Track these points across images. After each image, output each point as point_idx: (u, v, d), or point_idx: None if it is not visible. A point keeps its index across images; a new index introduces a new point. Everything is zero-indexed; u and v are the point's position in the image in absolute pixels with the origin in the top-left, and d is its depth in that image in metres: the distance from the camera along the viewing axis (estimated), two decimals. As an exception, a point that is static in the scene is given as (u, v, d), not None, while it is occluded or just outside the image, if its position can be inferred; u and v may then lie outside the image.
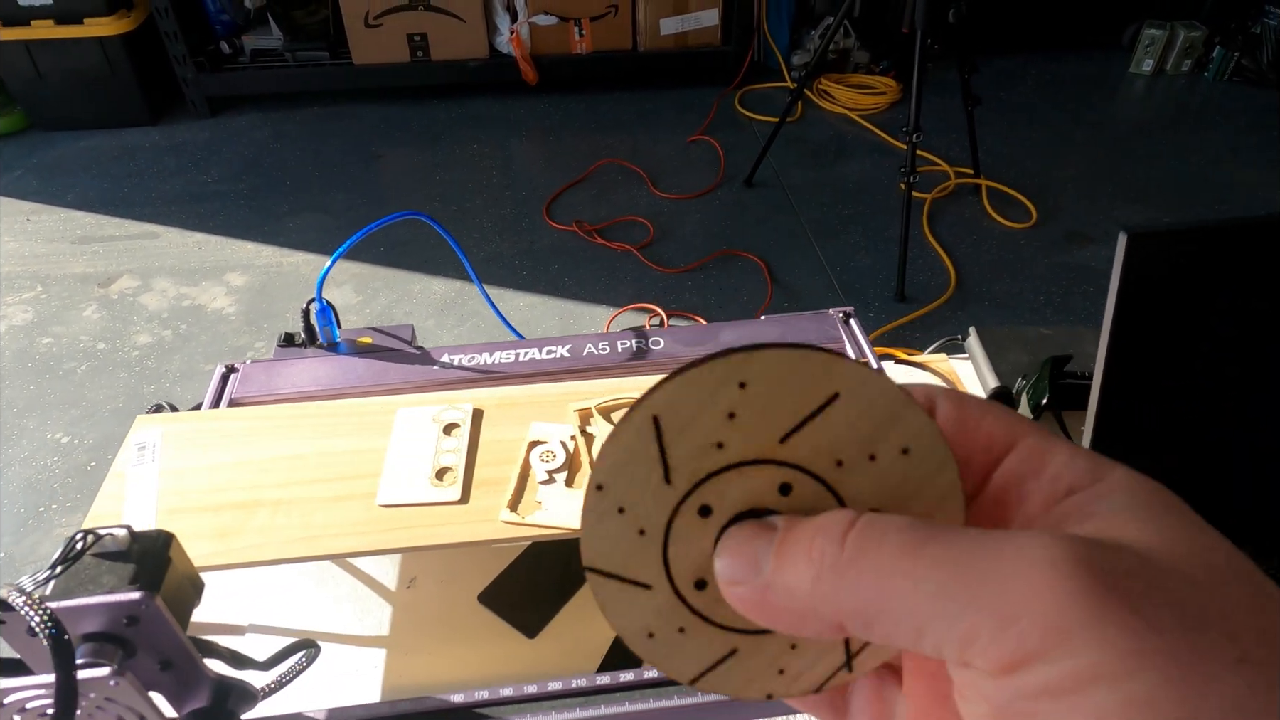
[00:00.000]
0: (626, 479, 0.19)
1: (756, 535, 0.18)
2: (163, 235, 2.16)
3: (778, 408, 0.18)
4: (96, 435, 1.60)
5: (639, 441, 0.18)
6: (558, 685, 0.49)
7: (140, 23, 2.48)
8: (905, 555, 0.16)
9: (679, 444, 0.18)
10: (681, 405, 0.18)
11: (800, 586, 0.17)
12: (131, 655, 0.34)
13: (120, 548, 0.35)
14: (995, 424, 0.19)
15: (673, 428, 0.18)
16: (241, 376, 0.75)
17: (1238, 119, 2.60)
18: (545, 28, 2.60)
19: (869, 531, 0.16)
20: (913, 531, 0.16)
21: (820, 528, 0.17)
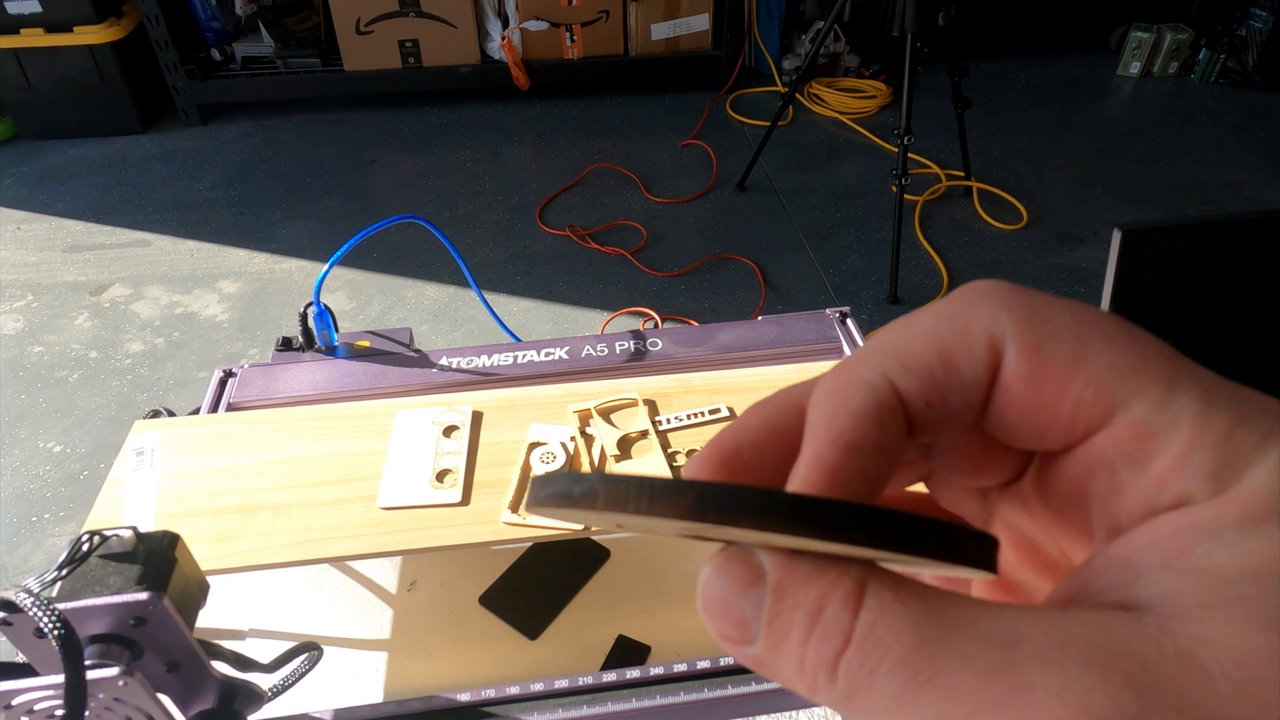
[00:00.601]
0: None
1: (745, 589, 0.15)
2: (154, 243, 2.15)
3: None
4: (89, 444, 1.59)
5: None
6: (564, 683, 0.49)
7: (130, 31, 2.48)
8: (905, 700, 0.13)
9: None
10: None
11: (798, 689, 0.15)
12: (139, 656, 0.34)
13: (126, 549, 0.35)
14: (1085, 385, 0.14)
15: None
16: (239, 381, 0.74)
17: (1224, 120, 2.62)
18: (536, 33, 2.61)
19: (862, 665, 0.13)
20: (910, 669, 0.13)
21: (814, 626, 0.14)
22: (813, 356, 0.77)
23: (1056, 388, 0.14)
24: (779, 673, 0.15)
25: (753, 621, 0.15)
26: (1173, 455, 0.13)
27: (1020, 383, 0.15)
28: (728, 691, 0.46)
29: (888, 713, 0.13)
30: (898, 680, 0.13)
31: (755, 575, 0.15)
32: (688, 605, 0.65)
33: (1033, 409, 0.15)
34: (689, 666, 0.50)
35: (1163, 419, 0.14)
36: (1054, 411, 0.15)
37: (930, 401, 0.15)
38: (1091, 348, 0.14)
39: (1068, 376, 0.14)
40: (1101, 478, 0.14)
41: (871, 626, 0.13)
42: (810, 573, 0.14)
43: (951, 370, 0.15)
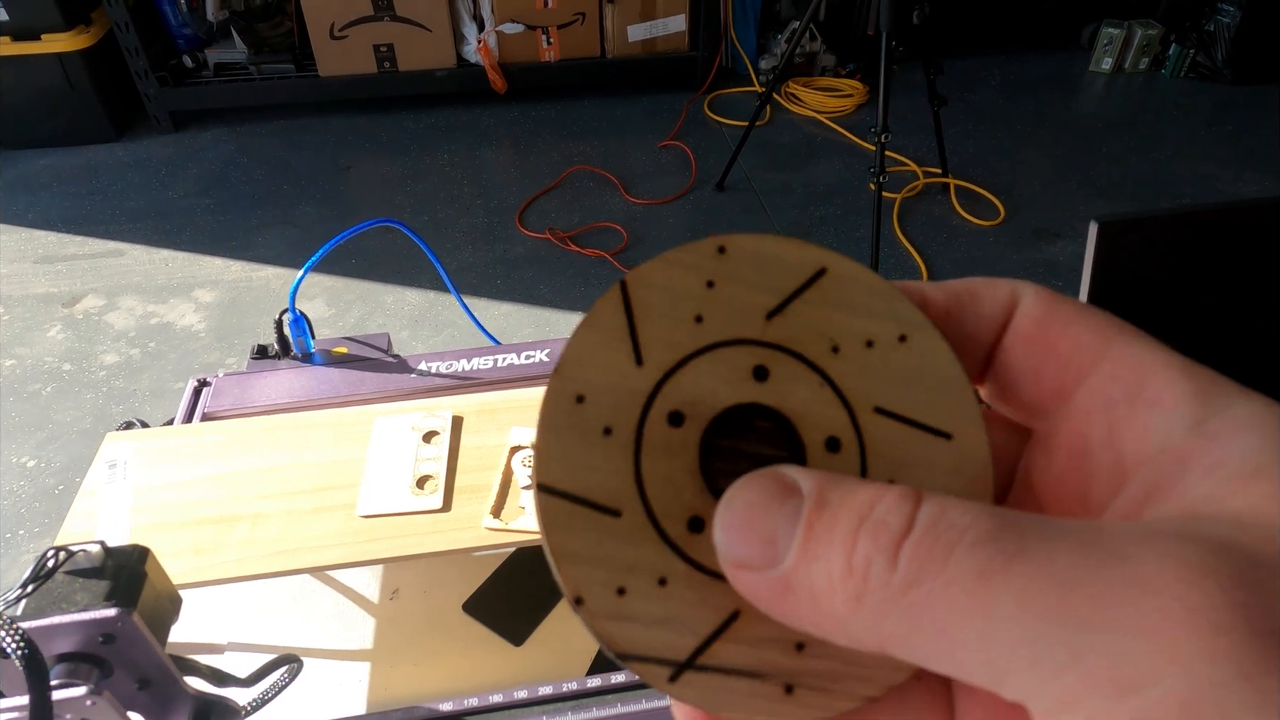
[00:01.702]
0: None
1: (774, 502, 0.13)
2: (128, 253, 2.12)
3: (760, 280, 0.15)
4: (64, 458, 1.56)
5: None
6: (548, 689, 0.49)
7: (100, 38, 2.44)
8: (983, 587, 0.12)
9: (650, 317, 0.15)
10: (655, 274, 0.15)
11: (834, 602, 0.13)
12: (108, 674, 0.33)
13: (94, 564, 0.34)
14: (1083, 330, 0.15)
15: (644, 298, 0.15)
16: (214, 390, 0.73)
17: (1195, 114, 2.65)
18: (512, 36, 2.60)
19: (934, 545, 0.12)
20: (994, 546, 0.12)
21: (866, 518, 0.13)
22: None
23: (1060, 328, 0.16)
24: (812, 586, 0.13)
25: (784, 535, 0.13)
26: (1165, 382, 0.14)
27: (1029, 321, 0.16)
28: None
29: (965, 594, 0.12)
30: (981, 555, 0.12)
31: (788, 488, 0.14)
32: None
33: (1036, 348, 0.16)
34: (675, 669, 0.49)
35: (1154, 357, 0.15)
36: (1054, 349, 0.16)
37: (951, 311, 0.17)
38: (1091, 312, 0.16)
39: (1070, 322, 0.16)
40: (1099, 417, 0.15)
41: (942, 512, 0.12)
42: (854, 482, 0.13)
43: (975, 299, 0.17)
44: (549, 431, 0.15)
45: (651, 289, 0.15)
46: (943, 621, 0.12)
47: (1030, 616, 0.11)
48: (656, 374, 0.15)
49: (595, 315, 0.15)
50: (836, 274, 0.16)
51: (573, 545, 0.14)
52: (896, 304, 0.16)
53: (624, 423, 0.15)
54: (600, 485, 0.15)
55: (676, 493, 0.15)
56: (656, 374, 0.15)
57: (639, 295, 0.15)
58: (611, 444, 0.15)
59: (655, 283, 0.15)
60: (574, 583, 0.14)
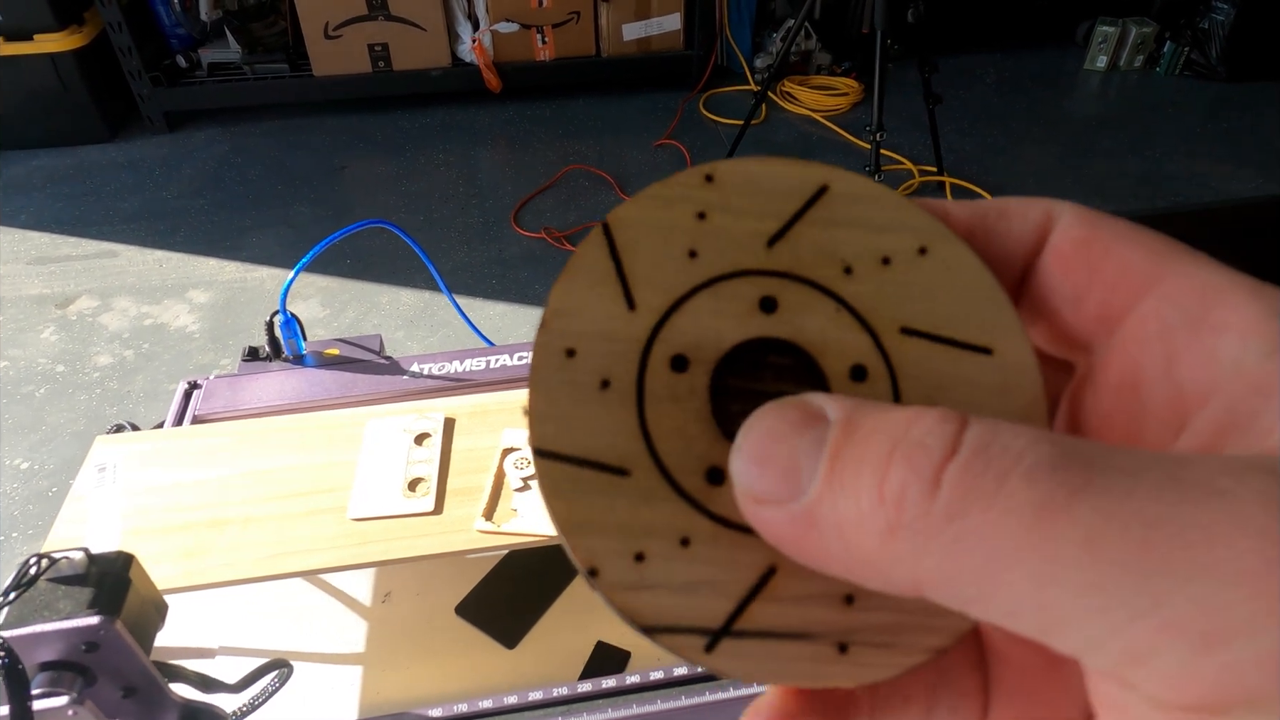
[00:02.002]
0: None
1: (796, 430, 0.12)
2: (122, 254, 2.11)
3: (756, 205, 0.14)
4: (57, 460, 1.55)
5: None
6: (539, 695, 0.48)
7: (93, 38, 2.43)
8: (1043, 522, 0.10)
9: (638, 257, 0.14)
10: (639, 210, 0.14)
11: (863, 535, 0.11)
12: (92, 683, 0.33)
13: (77, 571, 0.33)
14: (1132, 250, 0.14)
15: (629, 237, 0.14)
16: (205, 393, 0.73)
17: (1189, 112, 2.66)
18: (507, 35, 2.59)
19: (984, 471, 0.10)
20: (1056, 474, 0.10)
21: (901, 439, 0.11)
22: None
23: (1103, 249, 0.14)
24: (839, 519, 0.11)
25: (807, 464, 0.11)
26: (1233, 305, 0.13)
27: (1069, 242, 0.14)
28: (705, 698, 0.45)
29: (1021, 530, 0.10)
30: (1040, 488, 0.10)
31: (813, 414, 0.12)
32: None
33: (1075, 270, 0.14)
34: (666, 674, 0.49)
35: (1218, 277, 0.13)
36: (1098, 271, 0.14)
37: (974, 229, 0.15)
38: (1141, 231, 0.14)
39: (1115, 241, 0.14)
40: (1155, 346, 0.13)
41: (993, 433, 0.11)
42: (887, 406, 0.12)
43: (1002, 217, 0.15)
44: (541, 391, 0.13)
45: (637, 227, 0.14)
46: (991, 560, 0.10)
47: (1100, 559, 0.10)
48: (652, 317, 0.14)
49: (578, 261, 0.14)
50: (841, 190, 0.14)
51: (580, 512, 0.13)
52: (911, 215, 0.14)
53: (622, 373, 0.14)
54: (604, 444, 0.13)
55: (689, 444, 0.13)
56: (652, 317, 0.14)
57: (624, 235, 0.14)
58: (611, 397, 0.13)
59: (640, 220, 0.14)
60: (586, 553, 0.13)
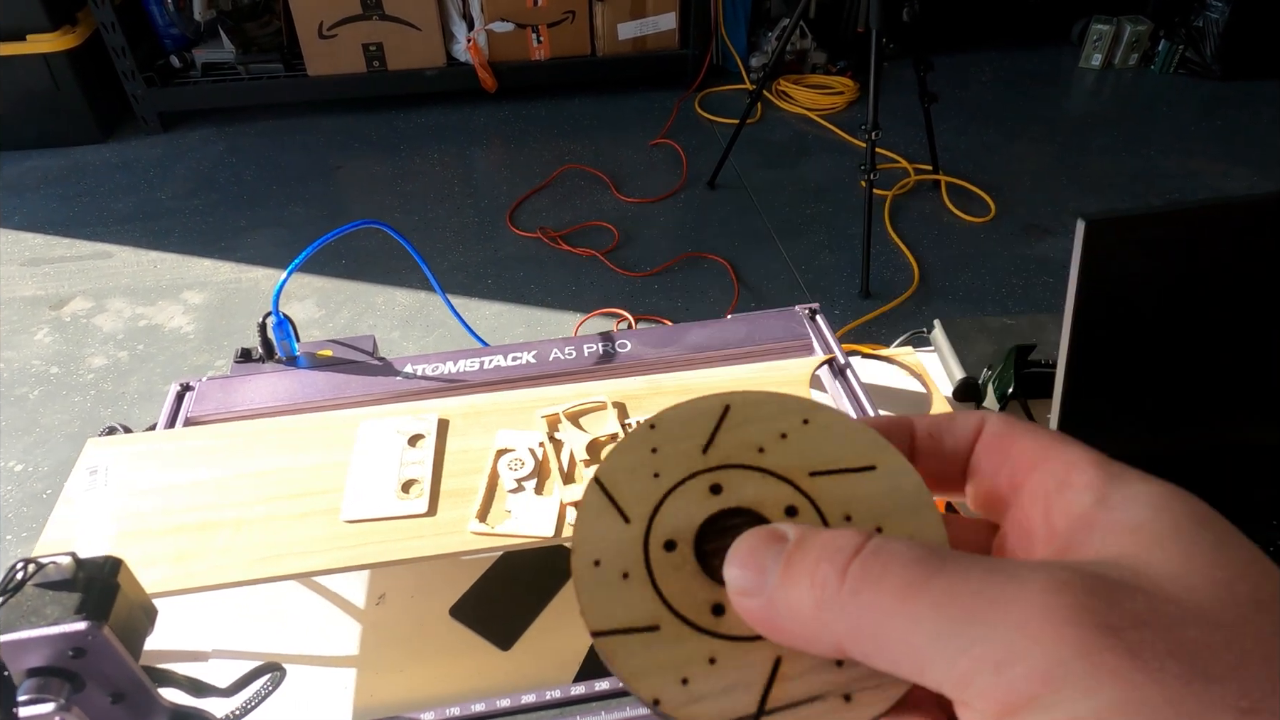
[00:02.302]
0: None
1: (767, 543, 0.18)
2: (116, 255, 2.11)
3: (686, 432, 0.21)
4: (51, 462, 1.55)
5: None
6: (532, 698, 0.48)
7: (86, 38, 2.42)
8: (907, 594, 0.15)
9: (622, 490, 0.21)
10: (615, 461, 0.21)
11: (802, 610, 0.17)
12: (80, 689, 0.32)
13: (64, 576, 0.33)
14: (1034, 440, 0.20)
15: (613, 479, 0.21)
16: (197, 394, 0.72)
17: (1184, 110, 2.66)
18: (502, 35, 2.59)
19: (872, 562, 0.16)
20: (919, 566, 0.16)
21: (826, 548, 0.17)
22: (782, 354, 0.76)
23: (1015, 439, 0.20)
24: (788, 599, 0.17)
25: (770, 566, 0.17)
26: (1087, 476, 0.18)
27: (993, 437, 0.21)
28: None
29: (897, 598, 0.15)
30: (910, 573, 0.16)
31: (778, 536, 0.18)
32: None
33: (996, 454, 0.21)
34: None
35: (1080, 455, 0.19)
36: (1009, 454, 0.20)
37: (931, 433, 0.22)
38: (1038, 429, 0.20)
39: (1022, 435, 0.20)
40: (1041, 503, 0.19)
41: (882, 543, 0.17)
42: (827, 530, 0.18)
43: (952, 422, 0.22)
44: (585, 593, 0.19)
45: (616, 472, 0.21)
46: (877, 623, 0.16)
47: (942, 617, 0.15)
48: (642, 523, 0.20)
49: (585, 504, 0.20)
50: (738, 404, 0.22)
51: (635, 663, 0.18)
52: (791, 404, 0.21)
53: (634, 564, 0.19)
54: (637, 614, 0.19)
55: (693, 595, 0.19)
56: (642, 523, 0.20)
57: (609, 479, 0.21)
58: (632, 583, 0.19)
59: (617, 467, 0.21)
60: (648, 690, 0.18)
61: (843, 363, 0.71)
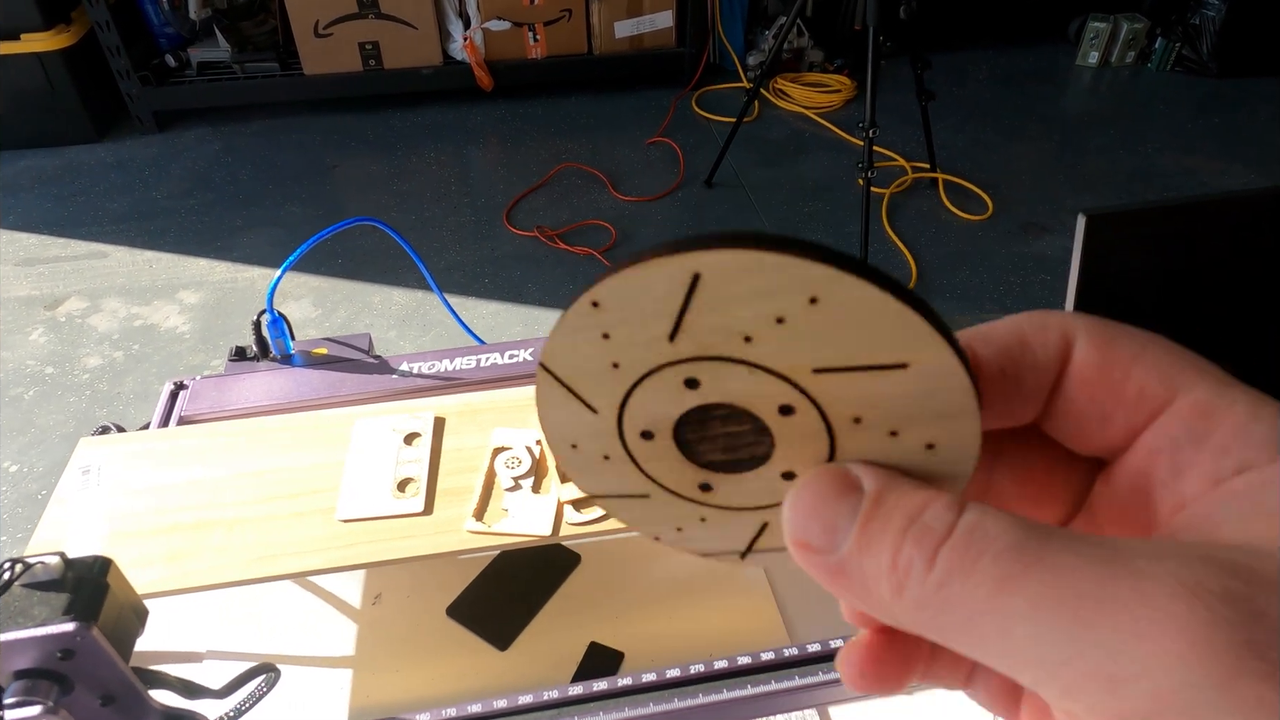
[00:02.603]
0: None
1: (840, 496, 0.15)
2: (111, 254, 2.10)
3: (643, 313, 0.16)
4: (47, 462, 1.54)
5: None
6: (529, 698, 0.48)
7: (80, 37, 2.41)
8: (1003, 589, 0.13)
9: (578, 379, 0.17)
10: (559, 346, 0.17)
11: (879, 589, 0.15)
12: (68, 691, 0.32)
13: (53, 576, 0.33)
14: (1148, 373, 0.16)
15: (565, 369, 0.17)
16: (191, 393, 0.72)
17: (1181, 108, 2.66)
18: (499, 33, 2.58)
19: (965, 551, 0.14)
20: (1016, 555, 0.13)
21: (911, 521, 0.14)
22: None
23: (1123, 373, 0.16)
24: (863, 573, 0.15)
25: (843, 525, 0.15)
26: (1232, 427, 0.15)
27: (1089, 368, 0.16)
28: (698, 700, 0.44)
29: (989, 595, 0.13)
30: (1004, 565, 0.13)
31: (852, 484, 0.16)
32: (659, 610, 0.64)
33: (1100, 393, 0.16)
34: (658, 676, 0.48)
35: (1221, 400, 0.15)
36: (1120, 394, 0.16)
37: (1005, 369, 0.17)
38: (1151, 347, 0.16)
39: (1132, 365, 0.16)
40: (1165, 459, 0.16)
41: (978, 521, 0.14)
42: (910, 485, 0.15)
43: (1026, 349, 0.17)
44: (570, 468, 0.19)
45: (565, 360, 0.17)
46: (968, 617, 0.14)
47: (1041, 618, 0.13)
48: (612, 414, 0.18)
49: (541, 395, 0.18)
50: (712, 272, 0.15)
51: (633, 515, 0.19)
52: (793, 270, 0.15)
53: (612, 448, 0.18)
54: (625, 485, 0.19)
55: (680, 475, 0.18)
56: (612, 414, 0.18)
57: (561, 368, 0.17)
58: (615, 464, 0.18)
59: (563, 353, 0.17)
60: (648, 530, 0.20)
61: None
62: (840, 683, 0.53)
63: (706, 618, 0.63)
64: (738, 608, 0.63)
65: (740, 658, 0.53)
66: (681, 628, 0.62)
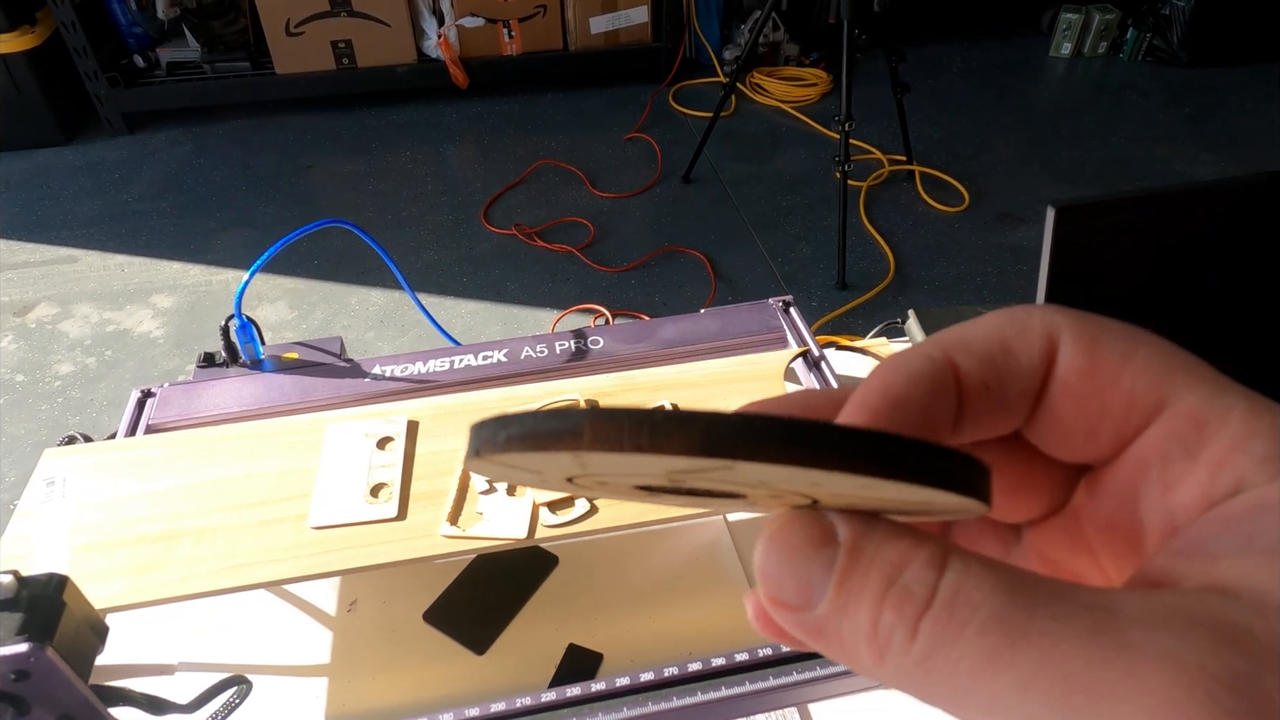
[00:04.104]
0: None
1: (814, 548, 0.14)
2: (82, 259, 2.06)
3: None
4: (18, 473, 1.52)
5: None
6: (501, 706, 0.47)
7: (46, 38, 2.37)
8: (990, 666, 0.12)
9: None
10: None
11: (859, 654, 0.14)
12: (24, 713, 0.31)
13: (6, 596, 0.32)
14: (1137, 378, 0.15)
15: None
16: (159, 401, 0.71)
17: (1152, 97, 2.69)
18: (473, 30, 2.56)
19: (949, 623, 0.13)
20: (1002, 628, 0.12)
21: (891, 585, 0.13)
22: (757, 347, 0.75)
23: (1110, 379, 0.15)
24: (842, 637, 0.14)
25: (819, 583, 0.14)
26: (1228, 441, 0.14)
27: (1075, 375, 0.15)
28: (673, 704, 0.44)
29: (974, 671, 0.12)
30: (989, 638, 0.12)
31: (826, 535, 0.14)
32: (638, 609, 0.63)
33: (1087, 402, 0.15)
34: (632, 680, 0.48)
35: (1215, 409, 0.14)
36: (1108, 403, 0.15)
37: (988, 382, 0.16)
38: (1141, 348, 0.15)
39: (1120, 370, 0.15)
40: (1155, 473, 0.14)
41: (960, 584, 0.13)
42: (888, 534, 0.14)
43: (1010, 357, 0.16)
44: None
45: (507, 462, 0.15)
46: (953, 691, 0.13)
47: (1029, 704, 0.12)
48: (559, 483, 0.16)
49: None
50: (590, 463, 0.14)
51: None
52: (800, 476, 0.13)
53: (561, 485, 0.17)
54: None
55: (625, 494, 0.16)
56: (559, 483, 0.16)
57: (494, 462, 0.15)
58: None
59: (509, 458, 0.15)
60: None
61: (817, 355, 0.71)
62: (821, 681, 0.53)
63: (686, 616, 0.62)
64: (717, 604, 0.63)
65: (716, 659, 0.53)
66: (661, 626, 0.62)
